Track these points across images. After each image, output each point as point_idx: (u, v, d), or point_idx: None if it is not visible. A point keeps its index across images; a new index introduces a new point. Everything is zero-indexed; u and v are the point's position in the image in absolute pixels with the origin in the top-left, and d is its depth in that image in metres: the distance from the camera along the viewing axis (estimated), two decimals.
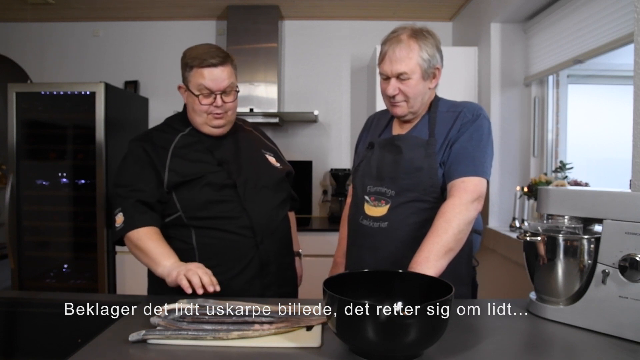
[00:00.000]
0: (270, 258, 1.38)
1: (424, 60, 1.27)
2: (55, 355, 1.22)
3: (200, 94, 1.32)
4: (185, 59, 1.34)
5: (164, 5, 3.25)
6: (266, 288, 1.37)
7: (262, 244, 1.35)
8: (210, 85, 1.31)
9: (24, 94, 2.88)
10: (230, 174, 1.35)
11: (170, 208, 1.34)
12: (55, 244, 2.95)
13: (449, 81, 2.72)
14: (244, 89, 3.21)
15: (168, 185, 1.32)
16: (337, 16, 3.45)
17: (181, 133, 1.40)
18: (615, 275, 0.97)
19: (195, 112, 1.35)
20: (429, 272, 1.08)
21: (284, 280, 1.45)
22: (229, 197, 1.34)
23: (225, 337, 0.93)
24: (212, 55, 1.31)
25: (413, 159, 1.29)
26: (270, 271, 1.38)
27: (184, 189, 1.32)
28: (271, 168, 1.47)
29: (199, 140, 1.39)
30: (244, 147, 1.45)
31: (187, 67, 1.33)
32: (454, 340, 0.93)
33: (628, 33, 1.73)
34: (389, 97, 1.32)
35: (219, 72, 1.31)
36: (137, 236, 1.27)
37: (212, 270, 1.26)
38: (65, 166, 2.92)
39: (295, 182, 1.63)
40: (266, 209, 1.38)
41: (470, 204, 1.19)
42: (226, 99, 1.34)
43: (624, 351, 0.90)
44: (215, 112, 1.34)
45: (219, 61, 1.31)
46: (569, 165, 2.18)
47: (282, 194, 1.46)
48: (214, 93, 1.32)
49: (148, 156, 1.34)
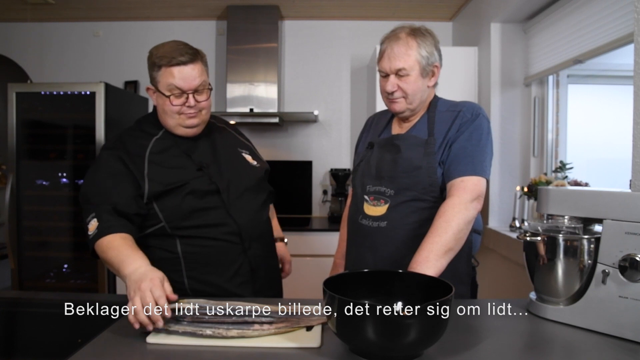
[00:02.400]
0: (259, 262, 1.35)
1: (422, 57, 1.28)
2: (55, 355, 1.21)
3: (171, 94, 1.23)
4: (152, 57, 1.25)
5: (164, 5, 3.26)
6: (257, 293, 1.33)
7: (250, 249, 1.32)
8: (181, 84, 1.22)
9: (24, 94, 2.88)
10: (211, 177, 1.29)
11: (152, 218, 1.26)
12: (55, 244, 2.95)
13: (449, 81, 2.72)
14: (244, 89, 3.23)
15: (149, 196, 1.23)
16: (337, 16, 3.45)
17: (155, 137, 1.31)
18: (615, 275, 0.97)
19: (166, 113, 1.27)
20: (429, 272, 1.08)
21: (272, 283, 1.44)
22: (213, 204, 1.28)
23: (225, 336, 0.93)
24: (181, 52, 1.22)
25: (412, 158, 1.29)
26: (260, 275, 1.35)
27: (166, 199, 1.25)
28: (250, 168, 1.42)
29: (174, 144, 1.31)
30: (220, 147, 1.39)
31: (155, 66, 1.24)
32: (454, 340, 0.93)
33: (628, 33, 1.73)
34: (387, 93, 1.33)
35: (189, 70, 1.22)
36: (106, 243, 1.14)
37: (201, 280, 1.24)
38: (65, 166, 2.92)
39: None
40: (251, 212, 1.34)
41: (470, 204, 1.19)
42: (199, 98, 1.26)
43: (624, 351, 0.90)
44: (188, 112, 1.26)
45: (189, 58, 1.22)
46: (569, 165, 2.18)
47: (262, 195, 1.42)
48: (185, 92, 1.24)
49: (125, 166, 1.24)
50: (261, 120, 3.20)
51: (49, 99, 2.90)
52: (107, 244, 1.13)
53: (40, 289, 2.89)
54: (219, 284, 1.29)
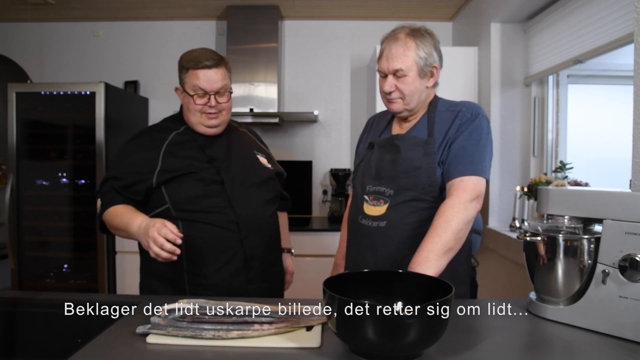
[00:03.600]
0: (254, 253, 1.40)
1: (420, 58, 1.29)
2: (55, 355, 1.22)
3: (195, 94, 1.37)
4: (182, 61, 1.40)
5: (164, 5, 3.26)
6: (250, 282, 1.40)
7: (247, 239, 1.38)
8: (204, 86, 1.36)
9: (24, 94, 2.88)
10: (219, 170, 1.39)
11: (158, 200, 1.38)
12: (55, 244, 2.95)
13: (449, 81, 2.72)
14: (244, 89, 3.22)
15: (157, 182, 1.36)
16: (337, 16, 3.45)
17: (175, 132, 1.44)
18: (615, 275, 0.97)
19: (190, 111, 1.40)
20: (429, 271, 1.08)
21: (268, 276, 1.47)
22: (217, 193, 1.37)
23: (225, 337, 0.93)
24: (207, 57, 1.37)
25: (411, 158, 1.29)
26: (254, 266, 1.40)
27: (174, 183, 1.37)
28: (260, 167, 1.51)
29: (192, 139, 1.43)
30: (235, 146, 1.49)
31: (184, 69, 1.39)
32: (454, 340, 0.93)
33: (628, 33, 1.73)
34: (385, 94, 1.33)
35: (212, 73, 1.37)
36: (111, 212, 1.33)
37: (198, 262, 1.34)
38: (65, 166, 2.92)
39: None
40: (252, 205, 1.41)
41: (469, 203, 1.19)
42: (220, 100, 1.39)
43: (624, 351, 0.90)
44: (209, 111, 1.39)
45: (213, 63, 1.37)
46: (569, 165, 2.18)
47: (269, 193, 1.49)
48: (208, 93, 1.37)
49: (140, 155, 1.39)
50: (261, 120, 3.20)
51: (49, 99, 2.90)
52: (112, 213, 1.32)
53: (40, 289, 2.89)
54: (215, 268, 1.36)
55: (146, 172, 1.37)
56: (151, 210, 1.38)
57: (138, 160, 1.39)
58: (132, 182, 1.36)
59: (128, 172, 1.37)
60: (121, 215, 1.30)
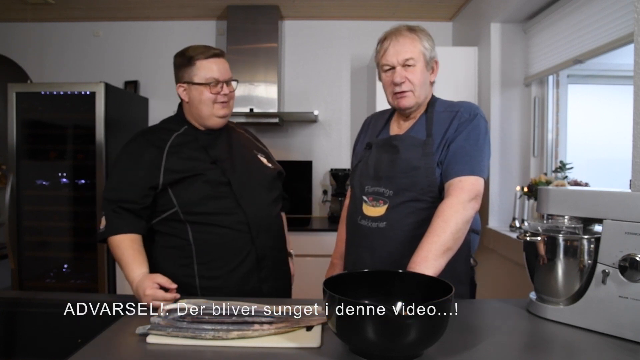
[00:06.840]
0: (266, 252, 1.41)
1: (426, 49, 1.32)
2: (55, 355, 1.22)
3: (208, 83, 1.36)
4: (184, 56, 1.38)
5: (164, 5, 3.25)
6: (263, 282, 1.40)
7: (258, 239, 1.38)
8: (217, 75, 1.37)
9: (24, 94, 2.88)
10: (224, 171, 1.38)
11: (166, 204, 1.36)
12: (55, 244, 2.95)
13: (449, 81, 2.73)
14: (244, 89, 3.22)
15: (164, 183, 1.34)
16: (337, 16, 3.45)
17: (176, 132, 1.42)
18: (615, 275, 0.97)
19: (202, 103, 1.38)
20: (428, 271, 1.08)
21: (279, 274, 1.48)
22: (225, 194, 1.36)
23: (225, 337, 0.93)
24: (212, 48, 1.39)
25: (410, 158, 1.29)
26: (266, 265, 1.41)
27: (181, 186, 1.35)
28: (263, 167, 1.51)
29: (194, 139, 1.41)
30: (236, 147, 1.48)
31: (189, 62, 1.37)
32: (454, 340, 0.93)
33: (628, 33, 1.73)
34: (394, 86, 1.32)
35: (222, 62, 1.39)
36: (114, 243, 1.30)
37: (209, 265, 1.33)
38: (65, 166, 2.92)
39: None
40: (260, 205, 1.41)
41: (468, 203, 1.19)
42: (229, 88, 1.41)
43: (624, 351, 0.90)
44: (221, 100, 1.39)
45: (220, 52, 1.40)
46: (569, 165, 2.18)
47: (274, 192, 1.50)
48: (220, 82, 1.38)
49: (143, 158, 1.36)
50: (261, 120, 3.20)
51: (49, 99, 2.90)
52: (115, 244, 1.29)
53: (40, 289, 2.89)
54: (228, 270, 1.35)
55: (150, 179, 1.33)
56: (159, 214, 1.37)
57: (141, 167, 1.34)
58: (136, 196, 1.32)
59: (131, 183, 1.33)
60: (122, 255, 1.27)
